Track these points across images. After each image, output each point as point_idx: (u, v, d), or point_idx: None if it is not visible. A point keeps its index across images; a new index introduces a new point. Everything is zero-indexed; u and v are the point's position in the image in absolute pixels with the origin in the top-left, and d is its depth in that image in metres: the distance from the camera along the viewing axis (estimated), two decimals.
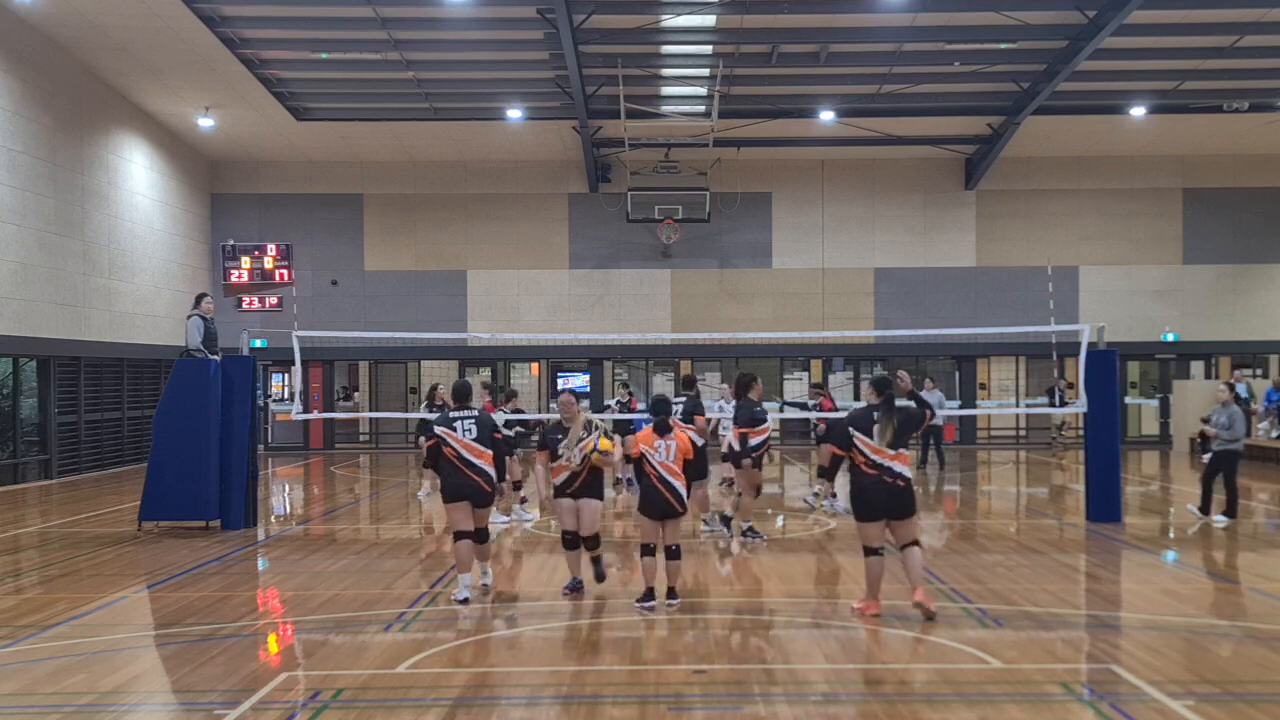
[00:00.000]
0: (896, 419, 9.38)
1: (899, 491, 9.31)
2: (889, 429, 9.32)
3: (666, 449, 9.87)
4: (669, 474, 9.85)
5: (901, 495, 9.32)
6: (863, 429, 9.40)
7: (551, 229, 31.12)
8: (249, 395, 15.38)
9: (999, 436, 32.25)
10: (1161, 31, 22.29)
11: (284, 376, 31.30)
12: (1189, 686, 7.46)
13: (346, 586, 11.34)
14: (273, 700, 7.25)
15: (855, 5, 21.52)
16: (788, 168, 30.95)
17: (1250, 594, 10.81)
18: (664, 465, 9.85)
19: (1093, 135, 29.10)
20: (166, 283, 28.03)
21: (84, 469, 23.64)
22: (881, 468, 9.30)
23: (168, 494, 14.95)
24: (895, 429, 9.33)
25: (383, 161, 30.95)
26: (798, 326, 29.78)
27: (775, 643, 8.97)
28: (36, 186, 22.10)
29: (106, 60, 23.57)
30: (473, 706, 7.13)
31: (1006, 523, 16.16)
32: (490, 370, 31.54)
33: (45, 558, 13.32)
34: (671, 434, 9.93)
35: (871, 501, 9.36)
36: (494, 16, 21.77)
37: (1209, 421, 15.47)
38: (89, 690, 7.50)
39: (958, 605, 10.00)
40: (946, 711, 6.99)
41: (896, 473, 9.31)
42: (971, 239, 31.22)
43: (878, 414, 9.41)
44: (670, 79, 25.89)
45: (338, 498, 19.56)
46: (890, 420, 9.36)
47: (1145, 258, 31.26)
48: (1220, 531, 14.68)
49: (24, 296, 21.54)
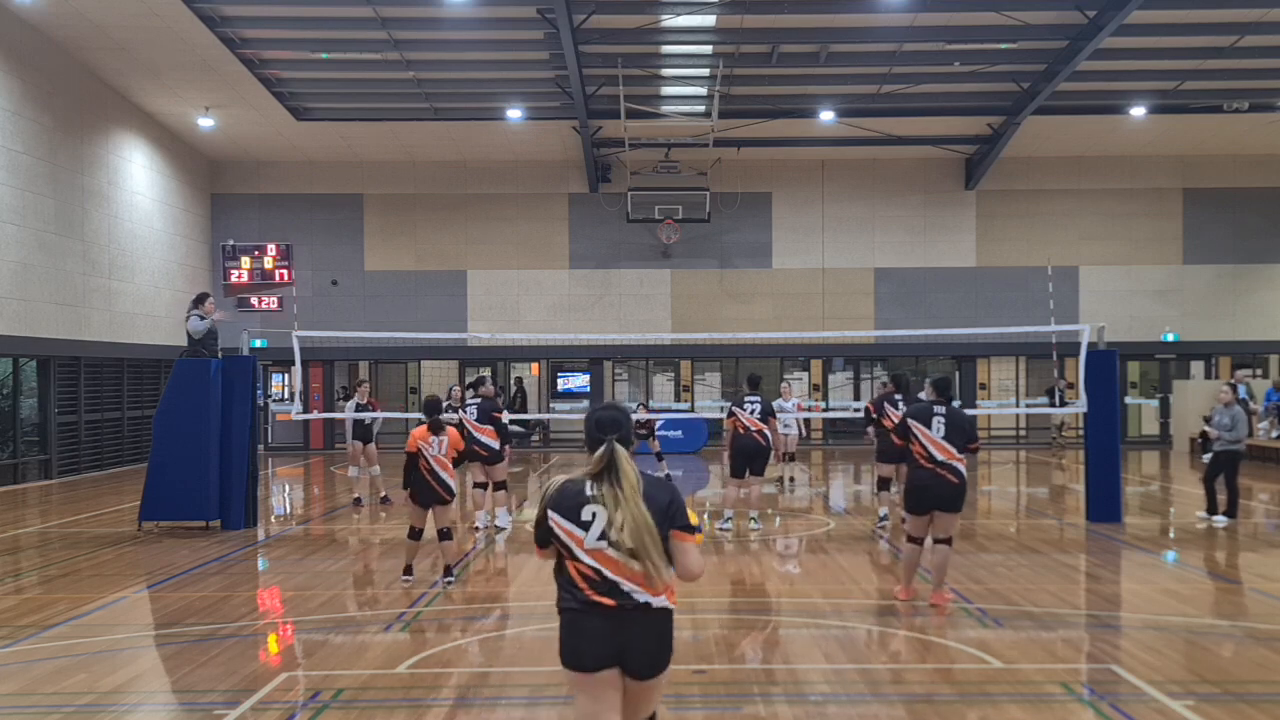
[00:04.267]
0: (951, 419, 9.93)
1: (954, 487, 9.77)
2: (945, 427, 9.85)
3: (440, 444, 10.96)
4: (439, 466, 10.94)
5: (955, 491, 9.78)
6: (924, 423, 9.91)
7: (551, 229, 31.12)
8: (249, 395, 15.38)
9: (999, 436, 32.24)
10: (1161, 31, 22.28)
11: (284, 376, 31.29)
12: (1189, 686, 7.45)
13: (346, 586, 11.35)
14: (273, 700, 7.25)
15: (855, 5, 21.52)
16: (788, 168, 30.94)
17: (1250, 594, 10.81)
18: (436, 459, 10.94)
19: (1093, 135, 29.10)
20: (166, 283, 28.02)
21: (84, 469, 23.63)
22: (937, 462, 9.76)
23: (168, 494, 14.96)
24: (948, 427, 9.86)
25: (383, 161, 30.95)
26: (798, 326, 29.78)
27: (775, 643, 8.97)
28: (36, 186, 22.10)
29: (106, 60, 23.57)
30: (473, 706, 7.13)
31: (1007, 523, 16.15)
32: (490, 370, 31.54)
33: (45, 558, 13.32)
34: (444, 431, 11.02)
35: (924, 496, 9.83)
36: (494, 16, 21.76)
37: (1210, 422, 15.47)
38: (89, 690, 7.50)
39: (958, 605, 10.00)
40: (947, 711, 6.99)
41: (953, 469, 9.77)
42: (971, 239, 31.21)
43: (937, 410, 9.96)
44: (670, 79, 25.89)
45: (338, 498, 19.56)
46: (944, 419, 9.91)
47: (1145, 258, 31.26)
48: (1221, 531, 14.68)
49: (24, 296, 21.54)
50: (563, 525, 4.69)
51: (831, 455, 27.95)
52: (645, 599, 4.63)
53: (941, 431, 9.84)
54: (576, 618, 4.68)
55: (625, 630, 4.64)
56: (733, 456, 14.36)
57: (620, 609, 4.62)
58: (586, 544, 4.65)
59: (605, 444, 4.71)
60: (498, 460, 14.54)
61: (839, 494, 19.88)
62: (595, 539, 4.64)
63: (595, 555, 4.63)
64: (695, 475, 23.52)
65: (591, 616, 4.64)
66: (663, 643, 4.70)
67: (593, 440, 4.78)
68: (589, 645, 4.64)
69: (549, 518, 4.72)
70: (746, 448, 14.22)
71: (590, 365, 31.42)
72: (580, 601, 4.66)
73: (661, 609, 4.67)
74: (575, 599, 4.67)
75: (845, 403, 32.01)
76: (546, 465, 26.43)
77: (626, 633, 4.64)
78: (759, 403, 14.27)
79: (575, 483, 4.76)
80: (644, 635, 4.66)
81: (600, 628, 4.64)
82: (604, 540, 4.63)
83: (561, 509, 4.72)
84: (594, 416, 4.85)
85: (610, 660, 4.63)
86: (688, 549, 4.72)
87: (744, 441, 14.21)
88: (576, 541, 4.67)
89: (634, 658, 4.65)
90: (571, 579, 4.70)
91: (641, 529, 4.57)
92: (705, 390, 32.30)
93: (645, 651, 4.66)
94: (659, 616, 4.68)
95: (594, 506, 4.67)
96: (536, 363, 32.32)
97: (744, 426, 14.21)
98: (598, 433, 4.78)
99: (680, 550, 4.69)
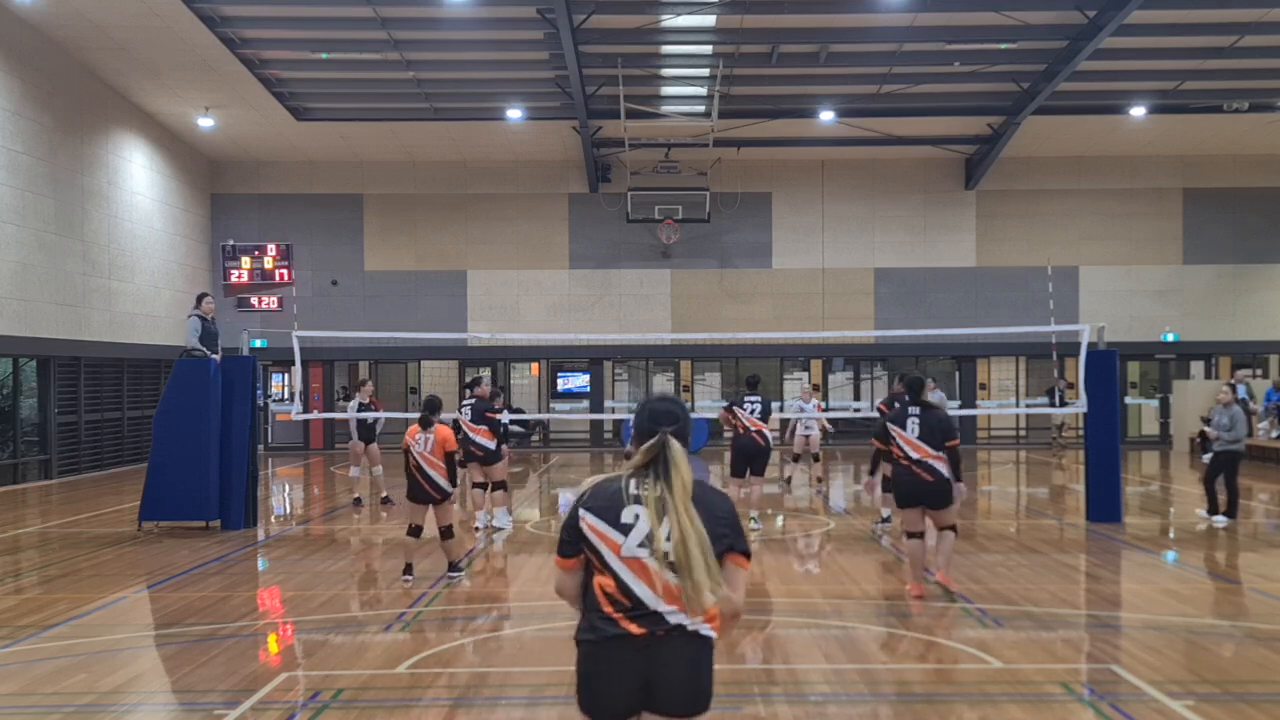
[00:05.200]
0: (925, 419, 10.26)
1: (929, 484, 10.12)
2: (919, 427, 10.23)
3: (426, 441, 10.96)
4: (428, 464, 10.94)
5: (932, 488, 10.13)
6: (899, 425, 10.36)
7: (551, 229, 31.12)
8: (249, 395, 15.38)
9: (999, 437, 32.25)
10: (1161, 31, 22.28)
11: (284, 376, 31.29)
12: (1189, 686, 7.45)
13: (346, 586, 11.35)
14: (273, 700, 7.25)
15: (855, 5, 21.52)
16: (788, 168, 30.94)
17: (1250, 594, 10.80)
18: (423, 456, 10.95)
19: (1093, 135, 29.10)
20: (166, 283, 28.02)
21: (84, 469, 23.63)
22: (911, 459, 10.17)
23: (168, 494, 14.96)
24: (920, 426, 10.22)
25: (383, 161, 30.95)
26: (798, 326, 29.78)
27: (775, 643, 8.97)
28: (36, 186, 22.10)
29: (106, 60, 23.57)
30: (473, 706, 7.13)
31: (1007, 523, 16.15)
32: (490, 370, 31.55)
33: (45, 558, 13.32)
34: (432, 429, 11.00)
35: (906, 493, 10.28)
36: (494, 16, 21.76)
37: (1209, 423, 15.47)
38: (89, 690, 7.50)
39: (958, 605, 10.00)
40: (947, 711, 6.99)
41: (928, 467, 10.12)
42: (971, 239, 31.21)
43: (911, 412, 10.35)
44: (670, 79, 25.89)
45: (338, 498, 19.56)
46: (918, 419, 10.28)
47: (1145, 258, 31.26)
48: (1221, 531, 14.68)
49: (24, 296, 21.54)
50: (597, 528, 3.96)
51: (832, 455, 27.94)
52: (681, 621, 3.87)
53: (916, 431, 10.21)
54: (595, 651, 3.95)
55: (656, 661, 3.88)
56: (733, 456, 14.38)
57: (650, 636, 3.87)
58: (624, 551, 3.92)
59: (658, 436, 4.00)
60: (495, 460, 14.57)
61: (839, 494, 19.87)
62: (635, 545, 3.91)
63: (631, 565, 3.90)
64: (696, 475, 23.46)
65: (614, 648, 3.90)
66: (702, 675, 3.92)
67: (643, 433, 4.07)
68: (610, 685, 3.91)
69: (581, 518, 3.99)
70: (746, 448, 14.23)
71: (590, 365, 31.42)
72: (602, 631, 3.93)
73: (701, 635, 3.92)
74: (596, 627, 3.95)
75: (845, 403, 32.01)
76: (546, 466, 26.43)
77: (657, 663, 3.88)
78: (759, 402, 14.29)
79: (614, 480, 4.03)
80: (678, 665, 3.88)
81: (624, 663, 3.89)
82: (645, 549, 3.90)
83: (596, 509, 3.98)
84: (648, 407, 4.14)
85: (637, 703, 3.89)
86: (739, 578, 3.98)
87: (743, 441, 14.23)
88: (612, 547, 3.94)
89: (667, 694, 3.87)
90: (596, 600, 3.96)
91: (690, 538, 3.83)
92: (705, 390, 32.29)
93: (680, 685, 3.87)
94: (698, 644, 3.91)
95: (637, 508, 3.94)
96: (536, 363, 32.32)
97: (743, 426, 14.20)
98: (650, 424, 4.06)
99: (732, 576, 3.95)
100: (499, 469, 14.71)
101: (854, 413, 30.04)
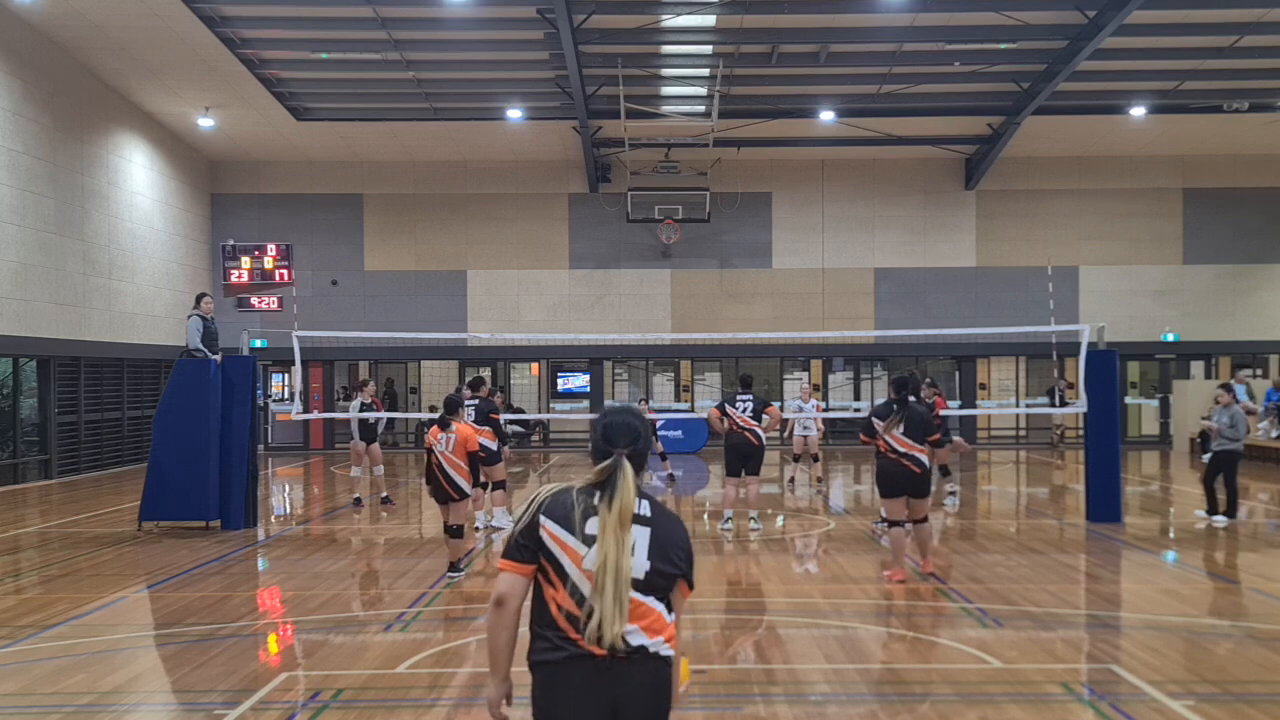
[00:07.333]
0: (908, 414, 10.96)
1: (917, 475, 10.93)
2: (901, 421, 10.92)
3: (448, 441, 11.16)
4: (449, 465, 11.13)
5: (915, 478, 10.94)
6: (883, 419, 11.11)
7: (551, 229, 31.12)
8: (249, 395, 15.38)
9: (999, 436, 32.24)
10: (1161, 31, 22.28)
11: (284, 376, 31.30)
12: (1189, 686, 7.45)
13: (346, 586, 11.35)
14: (273, 700, 7.25)
15: (855, 5, 21.52)
16: (788, 168, 30.94)
17: (1250, 594, 10.81)
18: (445, 456, 11.14)
19: (1093, 135, 29.10)
20: (166, 283, 28.03)
21: (84, 469, 23.63)
22: (899, 453, 10.90)
23: (168, 494, 14.96)
24: (906, 422, 10.91)
25: (383, 161, 30.95)
26: (798, 326, 29.78)
27: (775, 643, 8.97)
28: (36, 186, 22.10)
29: (106, 60, 23.57)
30: (473, 706, 7.12)
31: (1007, 523, 16.15)
32: (490, 370, 31.55)
33: (45, 558, 13.32)
34: (453, 429, 11.22)
35: (891, 483, 11.02)
36: (494, 16, 21.77)
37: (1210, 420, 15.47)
38: (89, 690, 7.50)
39: (958, 605, 10.00)
40: (947, 711, 6.99)
41: (913, 459, 10.89)
42: (971, 239, 31.21)
43: (895, 407, 11.05)
44: (670, 79, 25.89)
45: (338, 498, 19.56)
46: (902, 414, 10.96)
47: (1145, 258, 31.26)
48: (1220, 531, 14.68)
49: (24, 296, 21.54)
50: (559, 536, 3.72)
51: (832, 455, 27.93)
52: (643, 642, 3.68)
53: (901, 427, 10.91)
54: (554, 674, 3.68)
55: (620, 685, 3.67)
56: (727, 456, 14.38)
57: (611, 659, 3.65)
58: (585, 563, 3.69)
59: (612, 458, 3.80)
60: (495, 460, 14.60)
61: (839, 494, 19.87)
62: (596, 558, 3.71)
63: (591, 579, 3.68)
64: (696, 475, 23.53)
65: (575, 670, 3.67)
66: (662, 698, 3.74)
67: (598, 451, 3.87)
68: (571, 711, 3.68)
69: (541, 525, 3.74)
70: (740, 447, 14.25)
71: (590, 365, 31.42)
72: (560, 652, 3.68)
73: (661, 656, 3.73)
74: (554, 646, 3.68)
75: (845, 403, 32.00)
76: (546, 466, 26.43)
77: (622, 689, 3.67)
78: (752, 400, 14.28)
79: (568, 491, 3.82)
80: (644, 690, 3.68)
81: (587, 689, 3.66)
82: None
83: (558, 516, 3.75)
84: (604, 421, 3.89)
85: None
86: (682, 605, 3.85)
87: (736, 440, 14.25)
88: (573, 558, 3.69)
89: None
90: (552, 617, 3.70)
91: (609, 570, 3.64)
92: (705, 390, 32.29)
93: (643, 711, 3.70)
94: (659, 665, 3.73)
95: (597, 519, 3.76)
96: (536, 363, 32.32)
97: (737, 425, 14.21)
98: (605, 443, 3.85)
99: (677, 603, 3.82)
100: (498, 469, 14.74)
101: (854, 413, 30.00)
